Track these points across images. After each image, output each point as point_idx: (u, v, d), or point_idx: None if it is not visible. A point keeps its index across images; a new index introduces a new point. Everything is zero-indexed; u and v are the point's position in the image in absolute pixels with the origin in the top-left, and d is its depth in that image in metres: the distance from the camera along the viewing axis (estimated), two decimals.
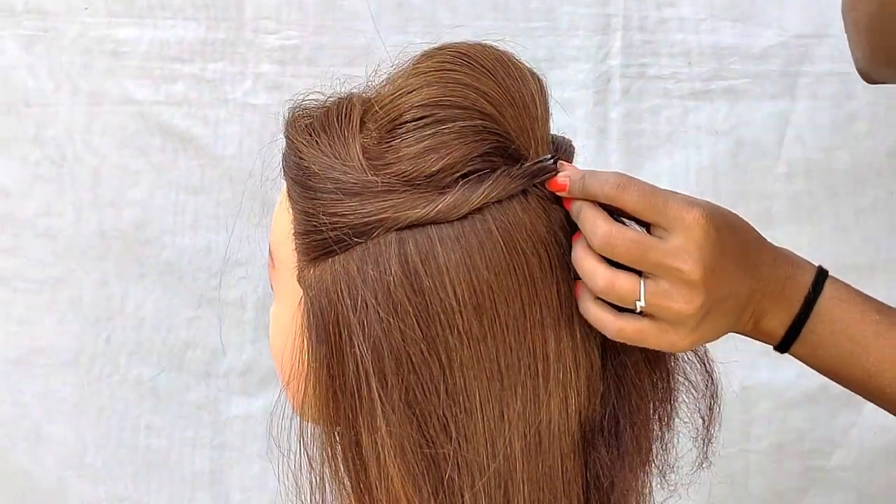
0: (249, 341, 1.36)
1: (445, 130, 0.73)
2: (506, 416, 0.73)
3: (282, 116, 0.81)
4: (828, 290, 0.78)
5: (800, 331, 0.77)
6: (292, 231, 0.77)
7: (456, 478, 0.72)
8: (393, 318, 0.71)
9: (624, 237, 0.72)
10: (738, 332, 0.79)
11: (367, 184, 0.73)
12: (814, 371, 1.31)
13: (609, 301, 0.73)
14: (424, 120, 0.73)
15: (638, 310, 0.73)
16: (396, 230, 0.72)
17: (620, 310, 0.74)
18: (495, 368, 0.73)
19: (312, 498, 0.77)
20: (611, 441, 0.78)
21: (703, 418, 0.83)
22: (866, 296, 0.79)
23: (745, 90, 1.27)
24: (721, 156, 1.29)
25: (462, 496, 0.73)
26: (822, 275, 0.78)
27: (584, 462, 0.77)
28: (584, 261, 0.73)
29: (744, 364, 1.33)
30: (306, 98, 0.80)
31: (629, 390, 0.78)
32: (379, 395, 0.72)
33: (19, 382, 1.37)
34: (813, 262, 0.79)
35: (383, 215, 0.72)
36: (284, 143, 0.80)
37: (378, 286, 0.72)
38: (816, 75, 1.27)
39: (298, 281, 0.76)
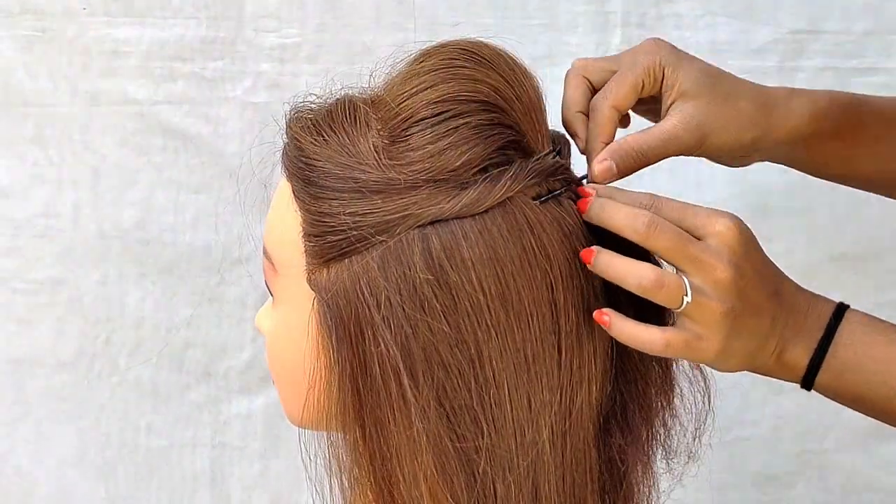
0: (250, 340, 1.36)
1: (463, 126, 0.74)
2: (533, 406, 0.74)
3: (283, 118, 0.81)
4: (849, 315, 0.79)
5: (823, 357, 0.78)
6: (301, 233, 0.76)
7: (489, 470, 0.73)
8: (420, 315, 0.72)
9: (668, 225, 0.74)
10: (760, 370, 0.80)
11: (389, 181, 0.73)
12: None
13: (655, 300, 0.74)
14: (442, 116, 0.74)
15: (683, 306, 0.73)
16: (419, 227, 0.73)
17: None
18: (522, 359, 0.73)
19: (333, 501, 0.78)
20: (623, 426, 0.80)
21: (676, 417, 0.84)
22: (886, 321, 0.81)
23: None
24: None
25: (494, 488, 0.74)
26: (842, 305, 0.80)
27: (599, 447, 0.79)
28: (621, 262, 0.74)
29: None
30: (304, 100, 0.80)
31: (634, 376, 0.80)
32: (412, 393, 0.72)
33: (19, 382, 1.37)
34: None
35: (407, 212, 0.73)
36: (289, 145, 0.79)
37: (402, 283, 0.72)
38: (813, 70, 1.28)
39: (310, 284, 0.76)
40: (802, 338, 0.78)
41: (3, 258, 1.34)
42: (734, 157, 0.86)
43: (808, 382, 0.79)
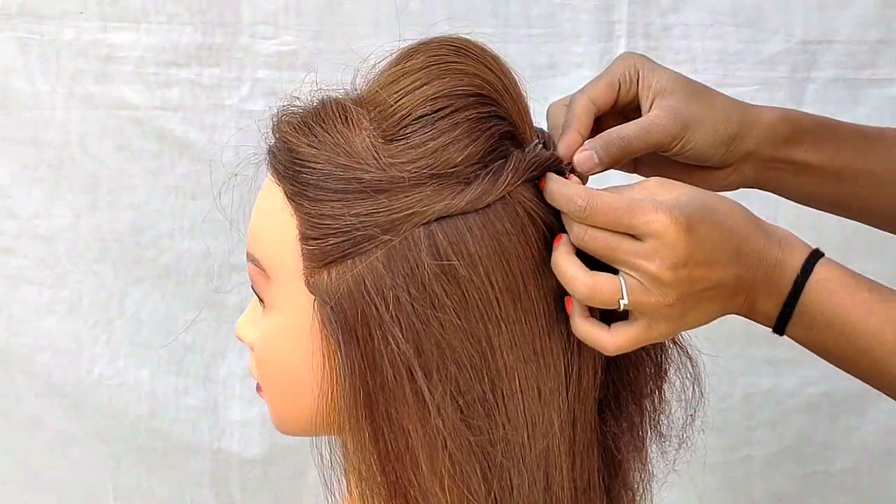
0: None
1: (462, 120, 0.75)
2: (543, 395, 0.75)
3: (271, 123, 0.80)
4: (818, 271, 0.78)
5: (791, 313, 0.78)
6: (298, 237, 0.76)
7: (504, 462, 0.74)
8: (431, 311, 0.72)
9: (595, 237, 0.74)
10: (737, 314, 0.79)
11: (393, 180, 0.74)
12: (816, 378, 1.33)
13: (594, 306, 0.75)
14: (441, 112, 0.75)
15: (621, 308, 0.74)
16: (423, 224, 0.73)
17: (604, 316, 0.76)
18: (531, 350, 0.75)
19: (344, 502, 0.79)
20: (618, 414, 0.81)
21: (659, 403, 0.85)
22: (858, 275, 0.79)
23: (751, 97, 1.24)
24: None
25: (510, 478, 0.75)
26: (813, 257, 0.78)
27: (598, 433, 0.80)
28: (566, 267, 0.75)
29: (746, 372, 1.34)
30: (291, 105, 0.80)
31: (626, 364, 0.81)
32: (428, 389, 0.73)
33: (20, 381, 1.37)
34: (808, 244, 0.80)
35: (412, 210, 0.73)
36: (278, 147, 0.78)
37: (411, 281, 0.73)
38: (824, 81, 1.26)
39: (309, 287, 0.75)
40: (770, 293, 0.78)
41: (4, 257, 1.34)
42: (717, 153, 0.86)
43: (779, 332, 0.80)
